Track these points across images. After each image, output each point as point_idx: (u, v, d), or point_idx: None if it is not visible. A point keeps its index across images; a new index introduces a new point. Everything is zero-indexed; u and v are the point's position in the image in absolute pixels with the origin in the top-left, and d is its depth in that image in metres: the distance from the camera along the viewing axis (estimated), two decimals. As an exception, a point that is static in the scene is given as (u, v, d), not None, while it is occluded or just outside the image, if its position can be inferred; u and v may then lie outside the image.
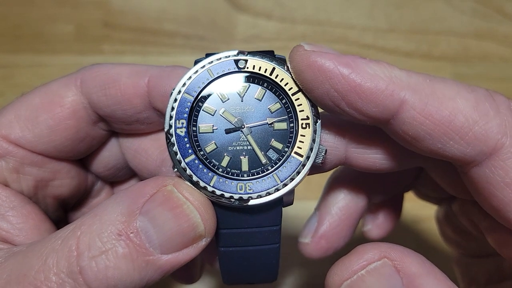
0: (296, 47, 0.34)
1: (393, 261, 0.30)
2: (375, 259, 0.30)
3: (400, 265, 0.30)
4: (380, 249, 0.30)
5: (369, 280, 0.30)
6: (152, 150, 0.43)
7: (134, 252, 0.31)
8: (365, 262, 0.30)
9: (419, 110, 0.31)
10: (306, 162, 0.35)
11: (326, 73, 0.32)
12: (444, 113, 0.31)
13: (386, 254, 0.30)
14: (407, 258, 0.30)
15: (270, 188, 0.35)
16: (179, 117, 0.35)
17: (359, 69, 0.32)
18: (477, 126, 0.31)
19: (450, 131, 0.31)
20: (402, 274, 0.29)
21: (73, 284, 0.30)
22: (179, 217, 0.32)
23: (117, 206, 0.32)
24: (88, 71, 0.41)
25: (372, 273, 0.30)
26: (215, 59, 0.36)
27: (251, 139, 0.36)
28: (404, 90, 0.31)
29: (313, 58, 0.32)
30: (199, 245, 0.33)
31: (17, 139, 0.39)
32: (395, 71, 0.32)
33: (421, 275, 0.29)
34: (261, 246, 0.38)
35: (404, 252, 0.30)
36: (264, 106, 0.36)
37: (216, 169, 0.35)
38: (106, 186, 0.49)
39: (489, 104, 0.32)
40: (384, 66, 0.32)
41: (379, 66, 0.32)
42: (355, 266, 0.30)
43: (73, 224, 0.32)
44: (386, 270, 0.30)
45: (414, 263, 0.30)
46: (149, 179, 0.34)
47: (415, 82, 0.32)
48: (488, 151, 0.31)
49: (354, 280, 0.30)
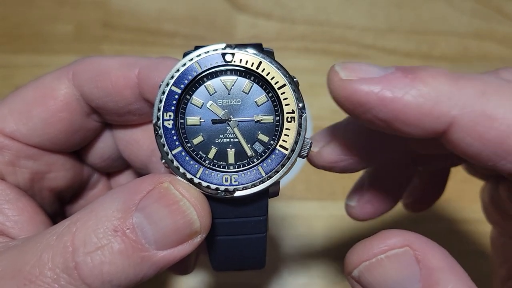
0: (332, 73, 0.32)
1: (415, 251, 0.29)
2: (397, 246, 0.30)
3: (422, 256, 0.29)
4: (405, 236, 0.30)
5: (387, 265, 0.30)
6: (143, 140, 0.44)
7: (129, 248, 0.31)
8: (387, 247, 0.30)
9: (468, 132, 0.29)
10: (291, 155, 0.36)
11: (366, 104, 0.31)
12: (495, 134, 0.29)
13: (409, 243, 0.30)
14: (430, 250, 0.29)
15: (255, 180, 0.35)
16: (166, 109, 0.36)
17: (400, 94, 0.30)
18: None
19: (501, 152, 0.29)
20: (422, 265, 0.29)
21: (68, 279, 0.30)
22: (175, 213, 0.33)
23: (113, 202, 0.32)
24: (79, 63, 0.41)
25: (392, 259, 0.30)
26: (203, 52, 0.36)
27: (238, 132, 0.36)
28: (453, 110, 0.29)
29: (350, 90, 0.31)
30: (194, 241, 0.33)
31: (11, 132, 0.40)
32: (442, 87, 0.30)
33: (441, 269, 0.29)
34: (248, 235, 0.39)
35: (428, 244, 0.30)
36: (251, 99, 0.37)
37: (203, 161, 0.36)
38: (103, 178, 0.50)
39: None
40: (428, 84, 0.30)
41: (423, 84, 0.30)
42: (376, 249, 0.30)
43: (68, 220, 0.32)
44: (406, 258, 0.29)
45: (437, 256, 0.29)
46: (145, 176, 0.34)
47: (465, 98, 0.29)
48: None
49: (372, 262, 0.30)
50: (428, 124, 0.30)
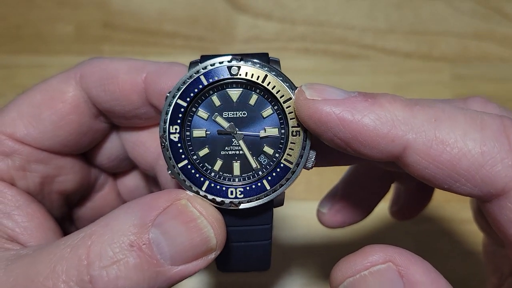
0: (298, 92, 0.34)
1: (397, 266, 0.30)
2: (380, 262, 0.30)
3: (405, 270, 0.30)
4: (387, 252, 0.31)
5: (370, 281, 0.30)
6: (150, 142, 0.44)
7: (145, 263, 0.31)
8: (369, 263, 0.30)
9: (422, 155, 0.31)
10: (295, 169, 0.36)
11: (327, 123, 0.32)
12: (448, 157, 0.30)
13: (392, 259, 0.30)
14: (413, 265, 0.30)
15: (260, 193, 0.36)
16: (172, 122, 0.36)
17: (359, 116, 0.31)
18: (483, 170, 0.30)
19: (454, 174, 0.31)
20: (405, 280, 0.29)
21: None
22: (192, 231, 0.33)
23: (129, 217, 0.32)
24: (87, 65, 0.41)
25: (375, 275, 0.30)
26: (209, 64, 0.36)
27: (243, 145, 0.37)
28: (407, 134, 0.31)
29: (313, 109, 0.32)
30: (208, 257, 0.34)
31: (22, 136, 0.40)
32: (397, 112, 0.31)
33: (424, 284, 0.29)
34: (253, 242, 0.40)
35: (411, 259, 0.30)
36: (257, 111, 0.37)
37: (209, 174, 0.37)
38: (109, 179, 0.50)
39: (498, 144, 0.30)
40: (386, 108, 0.31)
41: (381, 108, 0.31)
42: (359, 266, 0.31)
43: (82, 232, 0.32)
44: (390, 274, 0.30)
45: (419, 271, 0.30)
46: (161, 191, 0.35)
47: (419, 123, 0.31)
48: (496, 193, 0.30)
49: (356, 278, 0.31)
50: (384, 146, 0.31)
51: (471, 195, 0.31)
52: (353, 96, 0.32)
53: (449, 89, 0.80)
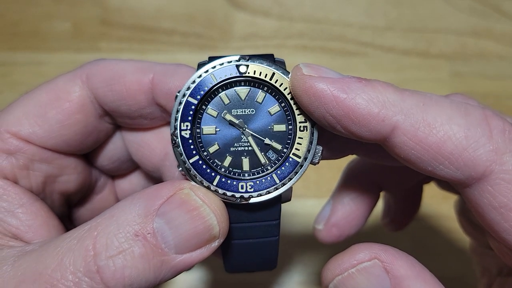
0: (295, 69, 0.35)
1: (383, 262, 0.32)
2: (366, 259, 0.32)
3: (390, 266, 0.31)
4: (372, 250, 0.32)
5: (358, 278, 0.32)
6: (155, 144, 0.44)
7: (150, 252, 0.32)
8: (356, 261, 0.32)
9: (409, 136, 0.32)
10: (303, 163, 0.38)
11: (321, 99, 0.33)
12: (433, 140, 0.32)
13: (377, 256, 0.32)
14: (398, 261, 0.32)
15: (270, 187, 0.37)
16: (183, 119, 0.37)
17: (353, 95, 0.33)
18: (466, 153, 0.31)
19: (439, 156, 0.32)
20: (391, 275, 0.31)
21: (90, 283, 0.30)
22: (195, 219, 0.34)
23: (133, 207, 0.33)
24: (93, 66, 0.41)
25: (362, 272, 0.32)
26: (217, 64, 0.38)
27: (252, 141, 0.38)
28: (396, 115, 0.32)
29: (309, 84, 0.34)
30: (212, 245, 0.34)
31: (27, 135, 0.40)
32: (389, 95, 0.33)
33: (409, 277, 0.31)
34: (262, 238, 0.40)
35: (395, 255, 0.32)
36: (264, 108, 0.38)
37: (219, 169, 0.37)
38: (109, 181, 0.50)
39: (481, 129, 0.32)
40: (378, 90, 0.33)
41: (373, 90, 0.33)
42: (347, 264, 0.33)
43: (87, 224, 0.33)
44: (376, 270, 0.32)
45: (404, 266, 0.31)
46: (165, 182, 0.35)
47: (408, 106, 0.32)
48: (477, 176, 0.32)
49: (345, 276, 0.32)
50: (374, 125, 0.33)
51: (453, 178, 0.33)
52: (348, 77, 0.34)
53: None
